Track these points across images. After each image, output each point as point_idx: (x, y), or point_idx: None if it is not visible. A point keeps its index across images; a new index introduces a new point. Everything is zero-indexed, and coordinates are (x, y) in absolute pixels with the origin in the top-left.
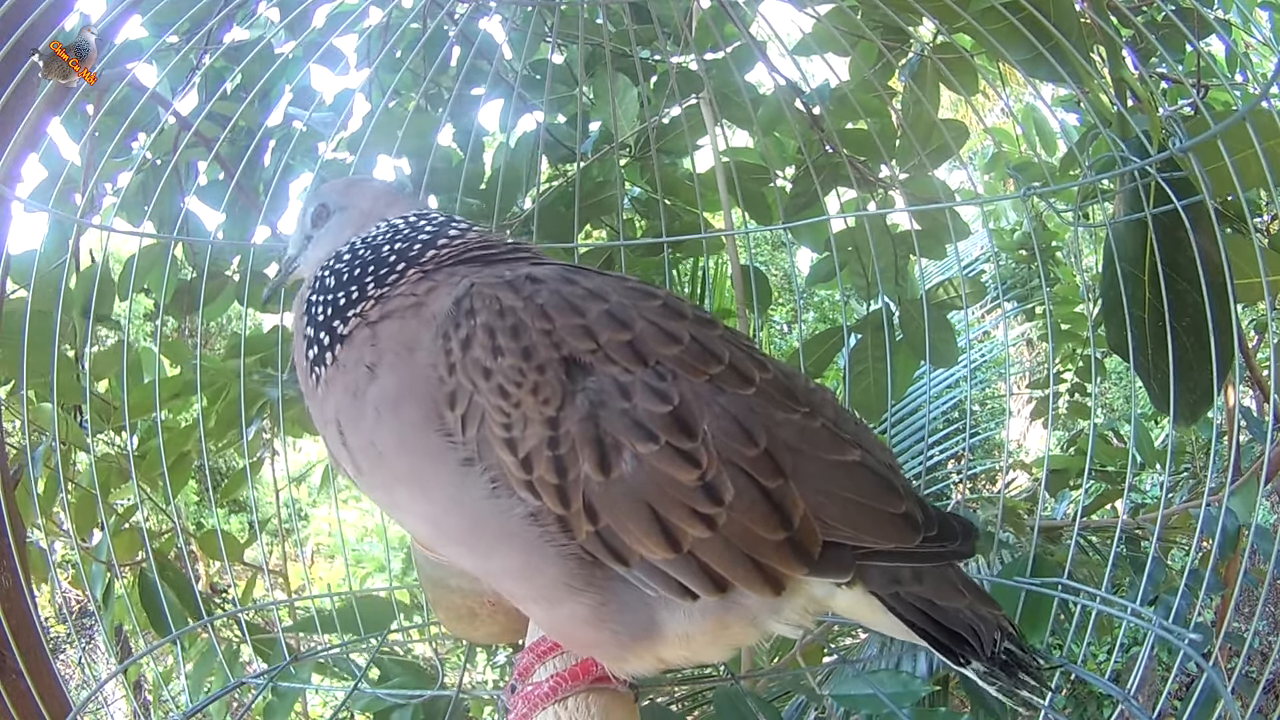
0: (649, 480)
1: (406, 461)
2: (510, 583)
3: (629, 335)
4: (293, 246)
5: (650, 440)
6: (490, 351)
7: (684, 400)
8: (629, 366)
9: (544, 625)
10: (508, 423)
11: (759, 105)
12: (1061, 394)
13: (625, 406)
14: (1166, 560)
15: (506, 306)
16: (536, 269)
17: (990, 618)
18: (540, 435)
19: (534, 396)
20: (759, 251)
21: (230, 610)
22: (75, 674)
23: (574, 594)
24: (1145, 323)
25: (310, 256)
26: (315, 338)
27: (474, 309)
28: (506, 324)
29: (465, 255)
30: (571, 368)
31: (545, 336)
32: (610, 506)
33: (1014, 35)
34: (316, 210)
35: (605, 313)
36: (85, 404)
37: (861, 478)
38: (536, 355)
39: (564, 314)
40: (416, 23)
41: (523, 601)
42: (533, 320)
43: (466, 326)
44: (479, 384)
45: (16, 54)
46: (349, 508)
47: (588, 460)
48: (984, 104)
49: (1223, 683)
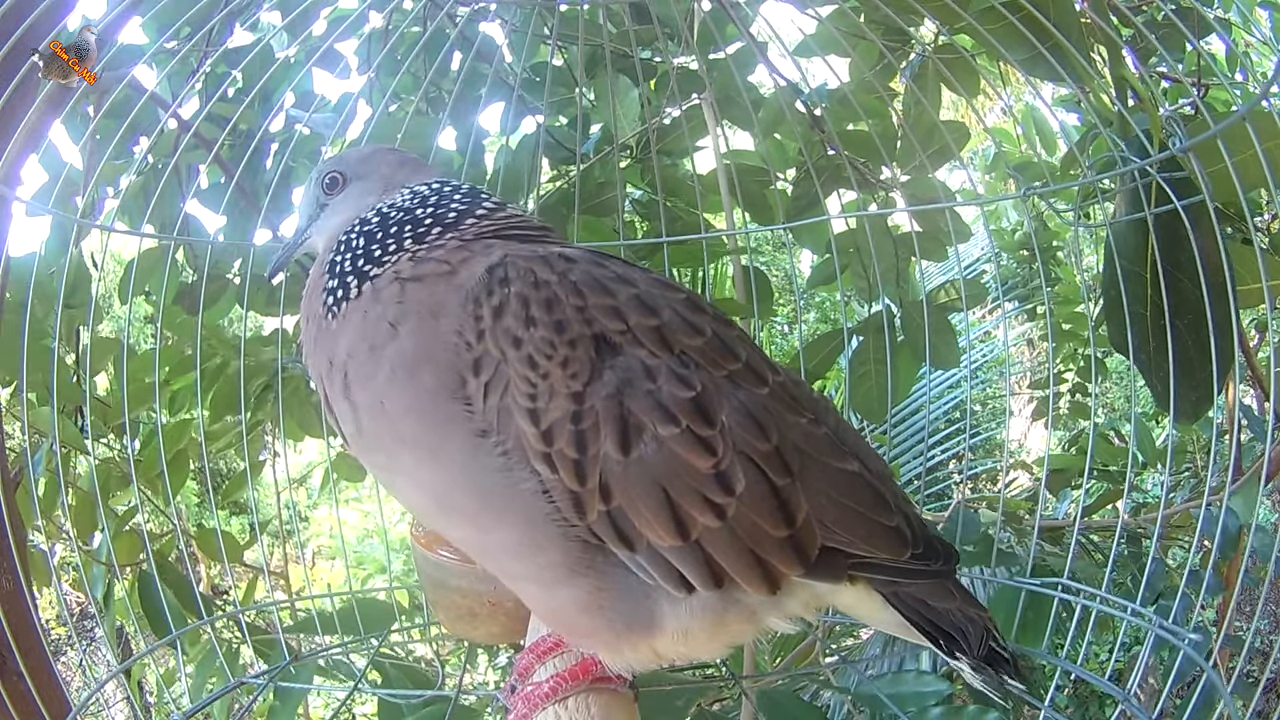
0: (666, 463)
1: (415, 426)
2: (508, 560)
3: (657, 321)
4: (302, 216)
5: (672, 423)
6: (523, 321)
7: (705, 389)
8: (655, 351)
9: (538, 607)
10: (533, 393)
11: (760, 106)
12: (1062, 394)
13: (650, 388)
14: (1167, 560)
15: (541, 279)
16: (568, 250)
17: (978, 619)
18: (565, 409)
19: (563, 369)
20: (760, 253)
21: (231, 611)
22: (76, 677)
23: (573, 577)
24: (1146, 321)
25: (325, 225)
26: (340, 283)
27: (508, 278)
28: (541, 296)
29: (503, 230)
30: (601, 346)
31: (578, 313)
32: (625, 487)
33: (1014, 35)
34: (330, 178)
35: (635, 297)
36: (85, 405)
37: (859, 487)
38: (569, 329)
39: (596, 293)
40: (417, 25)
41: (519, 581)
42: (566, 295)
43: (499, 294)
44: (508, 352)
45: (16, 54)
46: (349, 509)
47: (609, 438)
48: (984, 104)
49: (1222, 683)
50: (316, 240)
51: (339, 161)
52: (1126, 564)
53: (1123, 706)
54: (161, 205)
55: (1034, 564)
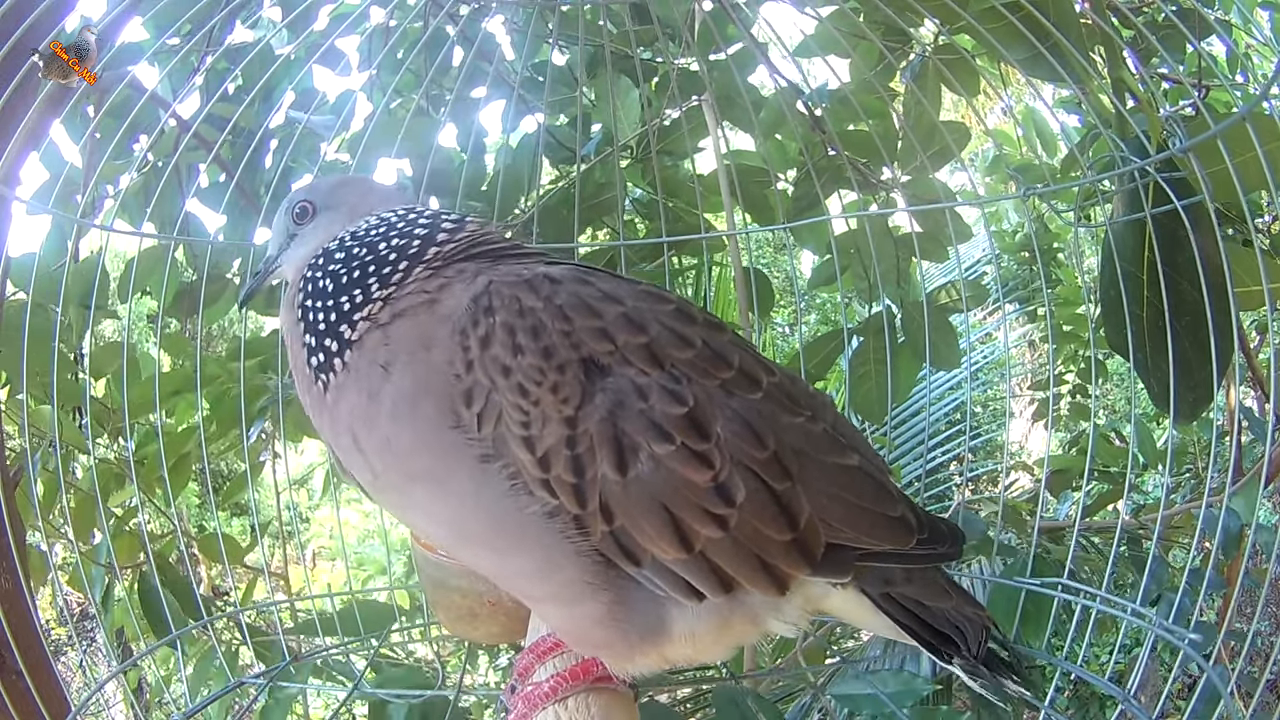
0: (664, 481)
1: (423, 459)
2: (526, 583)
3: (645, 338)
4: (273, 246)
5: (666, 441)
6: (510, 350)
7: (698, 403)
8: (645, 369)
9: (558, 626)
10: (526, 421)
11: (760, 107)
12: (1063, 395)
13: (642, 407)
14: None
15: (526, 306)
16: (552, 269)
17: (976, 618)
18: (559, 434)
19: (554, 395)
20: (761, 253)
21: (230, 611)
22: (76, 677)
23: (593, 593)
24: (1145, 321)
25: (293, 255)
26: (319, 345)
27: (493, 307)
28: (526, 324)
29: (471, 250)
30: (590, 368)
31: (565, 338)
32: (626, 507)
33: (1014, 35)
34: (300, 207)
35: (622, 315)
36: (85, 405)
37: (861, 481)
38: (557, 355)
39: (582, 315)
40: (418, 23)
41: (539, 603)
42: (552, 321)
43: (485, 324)
44: (498, 381)
45: (16, 54)
46: (350, 509)
47: (605, 460)
48: (984, 105)
49: (1223, 683)
50: (286, 270)
51: (309, 191)
52: (1127, 564)
53: (1123, 707)
54: (161, 204)
55: (1034, 564)
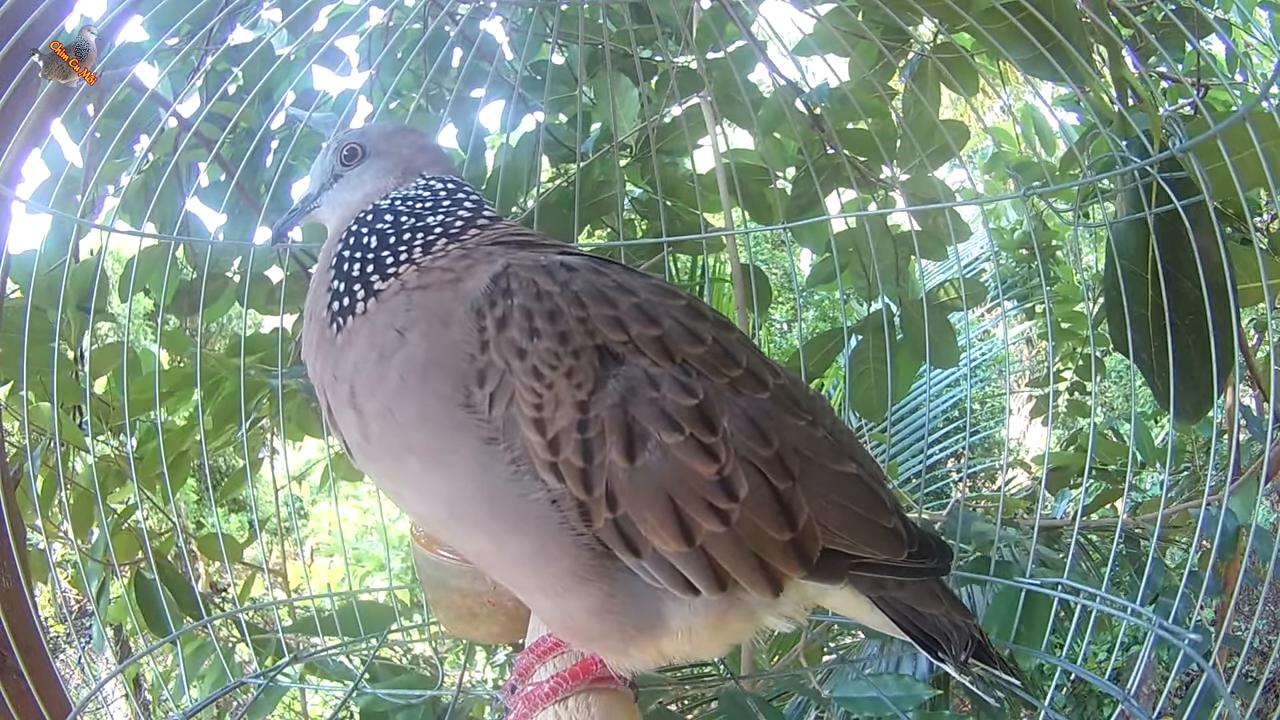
0: (671, 471)
1: (426, 432)
2: (520, 571)
3: (658, 331)
4: (314, 184)
5: (676, 431)
6: (526, 333)
7: (708, 397)
8: (658, 360)
9: (549, 617)
10: (539, 403)
11: (759, 105)
12: (1061, 392)
13: (654, 396)
14: (1166, 560)
15: (543, 291)
16: (568, 257)
17: (964, 626)
18: (570, 418)
19: (568, 380)
20: (759, 251)
21: (229, 610)
22: (75, 674)
23: (584, 584)
24: (1147, 320)
25: (337, 197)
26: (346, 289)
27: (510, 289)
28: (544, 308)
29: (503, 238)
30: (604, 355)
31: (580, 324)
32: (631, 494)
33: (1014, 35)
34: (349, 149)
35: (635, 306)
36: (85, 403)
37: (858, 489)
38: (572, 340)
39: (597, 303)
40: (418, 23)
41: (530, 592)
42: (569, 306)
43: (502, 306)
44: (512, 364)
45: (16, 54)
46: (349, 505)
47: (614, 446)
48: (983, 103)
49: (1222, 682)
50: (326, 211)
51: (360, 134)
52: (1125, 564)
53: (1122, 706)
54: (162, 204)
55: (1033, 563)
